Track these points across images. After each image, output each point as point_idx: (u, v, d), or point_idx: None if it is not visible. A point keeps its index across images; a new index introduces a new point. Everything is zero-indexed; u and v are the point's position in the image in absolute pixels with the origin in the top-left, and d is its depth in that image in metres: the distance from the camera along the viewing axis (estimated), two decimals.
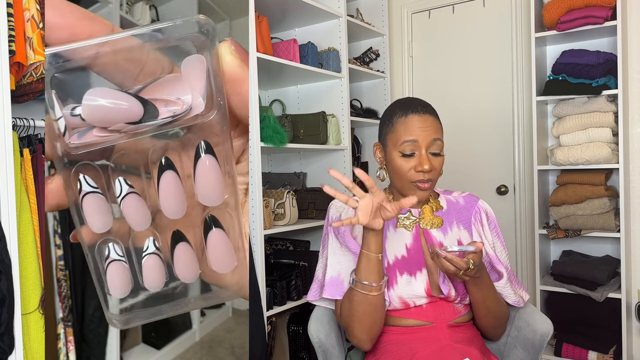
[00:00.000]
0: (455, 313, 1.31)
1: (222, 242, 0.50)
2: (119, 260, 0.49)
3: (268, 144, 2.24)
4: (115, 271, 0.49)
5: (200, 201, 0.48)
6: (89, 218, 0.47)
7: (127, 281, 0.50)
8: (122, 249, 0.50)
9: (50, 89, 0.41)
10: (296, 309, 2.52)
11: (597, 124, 2.40)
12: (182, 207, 0.48)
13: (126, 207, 0.47)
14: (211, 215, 0.49)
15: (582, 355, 2.45)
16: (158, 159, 0.47)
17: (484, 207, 1.43)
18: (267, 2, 2.42)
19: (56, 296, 1.98)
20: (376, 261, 1.19)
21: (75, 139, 0.42)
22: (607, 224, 2.42)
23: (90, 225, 0.47)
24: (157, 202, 0.48)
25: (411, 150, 1.27)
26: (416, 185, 1.28)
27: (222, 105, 0.45)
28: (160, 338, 2.95)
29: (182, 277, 0.51)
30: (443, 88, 3.14)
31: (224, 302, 0.54)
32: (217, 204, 0.48)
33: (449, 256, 1.15)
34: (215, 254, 0.50)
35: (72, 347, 1.99)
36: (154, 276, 0.50)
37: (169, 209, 0.47)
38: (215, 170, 0.47)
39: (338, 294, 1.31)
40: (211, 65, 0.43)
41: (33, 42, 1.53)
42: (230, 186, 0.49)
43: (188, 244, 0.50)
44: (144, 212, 0.48)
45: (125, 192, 0.46)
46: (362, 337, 1.26)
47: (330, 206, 1.41)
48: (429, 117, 1.29)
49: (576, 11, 2.41)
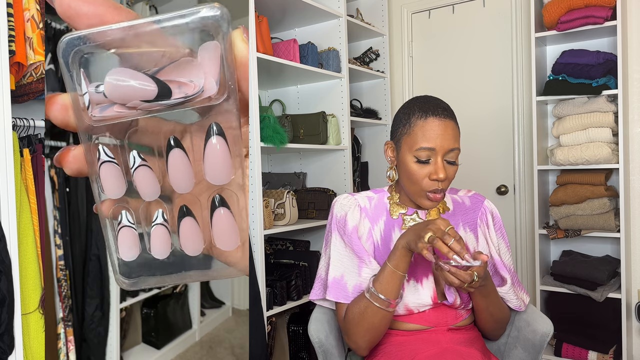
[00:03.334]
0: (456, 318, 1.30)
1: (228, 220, 0.54)
2: (129, 227, 0.55)
3: (268, 144, 2.23)
4: (126, 236, 0.55)
5: (208, 180, 0.52)
6: (105, 183, 0.52)
7: (135, 246, 0.56)
8: (133, 217, 0.55)
9: (79, 68, 0.47)
10: (296, 309, 2.52)
11: (597, 124, 2.40)
12: (189, 183, 0.52)
13: (138, 178, 0.52)
14: (218, 195, 0.54)
15: (582, 355, 2.45)
16: None
17: (489, 208, 1.40)
18: (267, 2, 2.42)
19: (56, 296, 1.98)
20: (401, 279, 1.18)
21: (97, 112, 0.48)
22: (607, 224, 2.42)
23: (106, 191, 0.53)
24: (167, 178, 0.53)
25: (427, 157, 1.21)
26: (427, 196, 1.24)
27: (233, 90, 0.48)
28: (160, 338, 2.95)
29: (186, 249, 0.55)
30: (443, 88, 3.14)
31: (225, 278, 0.59)
32: (224, 182, 0.52)
33: (453, 270, 1.11)
34: (220, 231, 0.54)
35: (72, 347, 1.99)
36: (160, 245, 0.55)
37: (176, 183, 0.52)
38: (224, 151, 0.50)
39: (342, 298, 1.29)
40: (225, 51, 0.47)
41: (33, 42, 1.53)
42: (238, 168, 0.52)
43: (193, 219, 0.54)
44: (153, 183, 0.53)
45: (138, 164, 0.52)
46: (362, 345, 1.25)
47: (334, 203, 1.37)
48: (450, 123, 1.23)
49: (576, 11, 2.41)
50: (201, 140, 0.51)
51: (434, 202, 1.24)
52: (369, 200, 1.37)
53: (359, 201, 1.36)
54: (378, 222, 1.34)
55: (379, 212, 1.35)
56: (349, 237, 1.31)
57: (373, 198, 1.38)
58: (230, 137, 0.51)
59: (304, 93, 2.89)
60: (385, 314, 1.20)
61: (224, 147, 0.50)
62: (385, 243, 1.32)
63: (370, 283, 1.21)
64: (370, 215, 1.35)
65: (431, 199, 1.24)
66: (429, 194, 1.23)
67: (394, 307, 1.20)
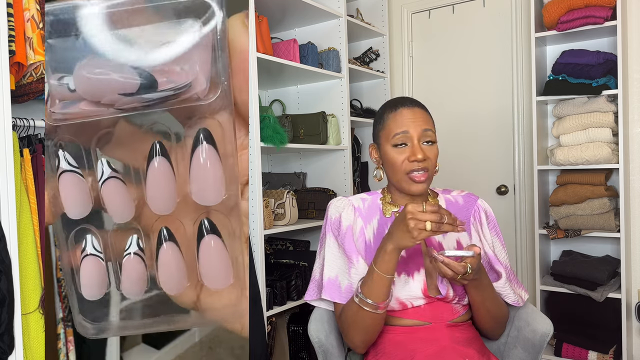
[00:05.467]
0: (453, 313, 1.31)
1: (217, 251, 0.41)
2: (95, 256, 0.42)
3: (268, 144, 2.24)
4: (90, 267, 0.41)
5: (195, 199, 0.41)
6: (66, 199, 0.40)
7: (101, 281, 0.42)
8: (100, 243, 0.42)
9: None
10: (296, 309, 2.52)
11: (597, 124, 2.40)
12: (170, 201, 0.41)
13: (107, 192, 0.40)
14: (207, 219, 0.42)
15: (582, 355, 2.45)
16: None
17: (483, 207, 1.43)
18: (267, 2, 2.42)
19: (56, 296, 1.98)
20: (390, 282, 1.19)
21: (59, 108, 0.38)
22: (607, 224, 2.42)
23: (66, 209, 0.40)
24: (145, 195, 0.41)
25: (402, 141, 1.27)
26: (411, 178, 1.27)
27: (226, 87, 0.39)
28: (160, 338, 2.95)
29: (165, 286, 0.42)
30: (443, 88, 3.14)
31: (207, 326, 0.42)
32: (214, 203, 0.41)
33: (446, 260, 1.14)
34: (207, 264, 0.41)
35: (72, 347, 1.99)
36: (132, 280, 0.42)
37: (154, 200, 0.40)
38: (213, 162, 0.40)
39: (337, 297, 1.31)
40: (217, 40, 0.38)
41: (33, 42, 1.53)
42: (231, 184, 0.41)
43: (176, 245, 0.42)
44: (125, 200, 0.41)
45: (108, 175, 0.40)
46: (358, 344, 1.28)
47: (329, 206, 1.41)
48: (418, 110, 1.31)
49: (576, 11, 2.41)
50: (186, 151, 0.40)
51: (419, 183, 1.27)
52: (363, 202, 1.40)
53: (353, 202, 1.40)
54: (371, 221, 1.37)
55: (372, 212, 1.38)
56: (342, 237, 1.33)
57: (367, 199, 1.41)
58: (222, 145, 0.40)
59: (304, 93, 2.89)
60: (376, 316, 1.22)
61: (214, 157, 0.39)
62: (378, 241, 1.33)
63: (358, 287, 1.22)
64: (364, 214, 1.38)
65: (415, 180, 1.26)
66: (411, 176, 1.26)
67: (384, 309, 1.21)
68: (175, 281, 0.42)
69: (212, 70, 0.38)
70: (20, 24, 1.51)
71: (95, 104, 0.37)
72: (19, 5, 1.51)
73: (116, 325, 0.43)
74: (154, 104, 0.38)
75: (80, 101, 0.38)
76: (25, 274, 1.50)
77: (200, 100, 0.38)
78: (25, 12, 1.53)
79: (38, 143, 1.62)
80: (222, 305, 0.43)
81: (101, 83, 0.37)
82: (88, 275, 0.41)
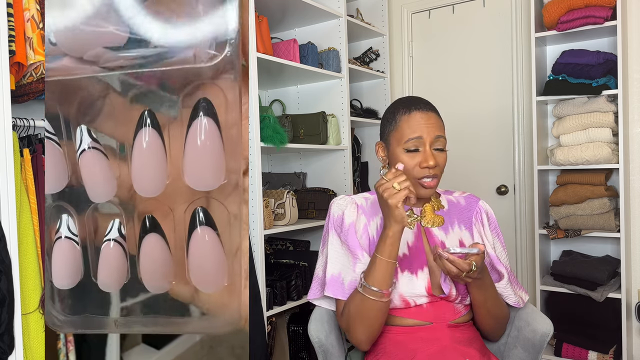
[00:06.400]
0: (455, 313, 1.31)
1: (211, 246, 0.33)
2: (69, 239, 0.33)
3: (268, 144, 2.24)
4: (63, 251, 0.33)
5: (188, 182, 0.34)
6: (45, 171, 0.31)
7: (75, 268, 0.34)
8: (76, 225, 0.34)
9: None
10: (296, 309, 2.52)
11: (597, 124, 2.40)
12: (159, 182, 0.32)
13: (85, 163, 0.32)
14: (202, 207, 0.33)
15: (582, 355, 2.45)
16: None
17: (484, 208, 1.44)
18: (267, 2, 2.42)
19: None
20: (392, 267, 1.19)
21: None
22: (607, 224, 2.42)
23: (45, 182, 0.33)
24: (129, 173, 0.33)
25: (415, 146, 1.28)
26: (421, 183, 1.28)
27: (234, 45, 0.31)
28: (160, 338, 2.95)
29: (146, 282, 0.34)
30: (443, 88, 3.14)
31: (213, 331, 0.36)
32: (211, 188, 0.34)
33: (451, 257, 1.15)
34: (197, 262, 0.33)
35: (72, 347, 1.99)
36: (109, 269, 0.34)
37: (141, 179, 0.32)
38: (213, 140, 0.32)
39: (340, 294, 1.31)
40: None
41: (33, 42, 1.53)
42: (233, 160, 0.33)
43: (162, 237, 0.34)
44: (106, 175, 0.32)
45: (87, 144, 0.32)
46: (362, 339, 1.27)
47: (332, 204, 1.41)
48: (432, 115, 1.31)
49: (576, 11, 2.41)
50: (182, 125, 0.32)
51: (428, 188, 1.29)
52: (365, 200, 1.41)
53: (356, 200, 1.40)
54: (374, 218, 1.37)
55: (375, 209, 1.39)
56: (345, 234, 1.34)
57: (369, 198, 1.42)
58: (223, 119, 0.31)
59: (304, 93, 2.89)
60: (381, 306, 1.21)
61: (214, 132, 0.31)
62: None
63: (361, 278, 1.23)
64: (367, 212, 1.38)
65: (425, 186, 1.29)
66: (421, 182, 1.28)
67: (388, 297, 1.21)
68: (158, 277, 0.35)
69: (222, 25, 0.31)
70: (20, 24, 1.51)
71: (78, 60, 0.31)
72: (19, 5, 1.52)
73: (92, 320, 0.36)
74: (145, 63, 0.31)
75: (63, 56, 0.32)
76: (25, 274, 1.50)
77: (201, 62, 0.31)
78: (25, 12, 1.53)
79: (38, 143, 1.62)
80: (213, 304, 0.36)
81: (85, 35, 0.30)
82: (60, 261, 0.35)
